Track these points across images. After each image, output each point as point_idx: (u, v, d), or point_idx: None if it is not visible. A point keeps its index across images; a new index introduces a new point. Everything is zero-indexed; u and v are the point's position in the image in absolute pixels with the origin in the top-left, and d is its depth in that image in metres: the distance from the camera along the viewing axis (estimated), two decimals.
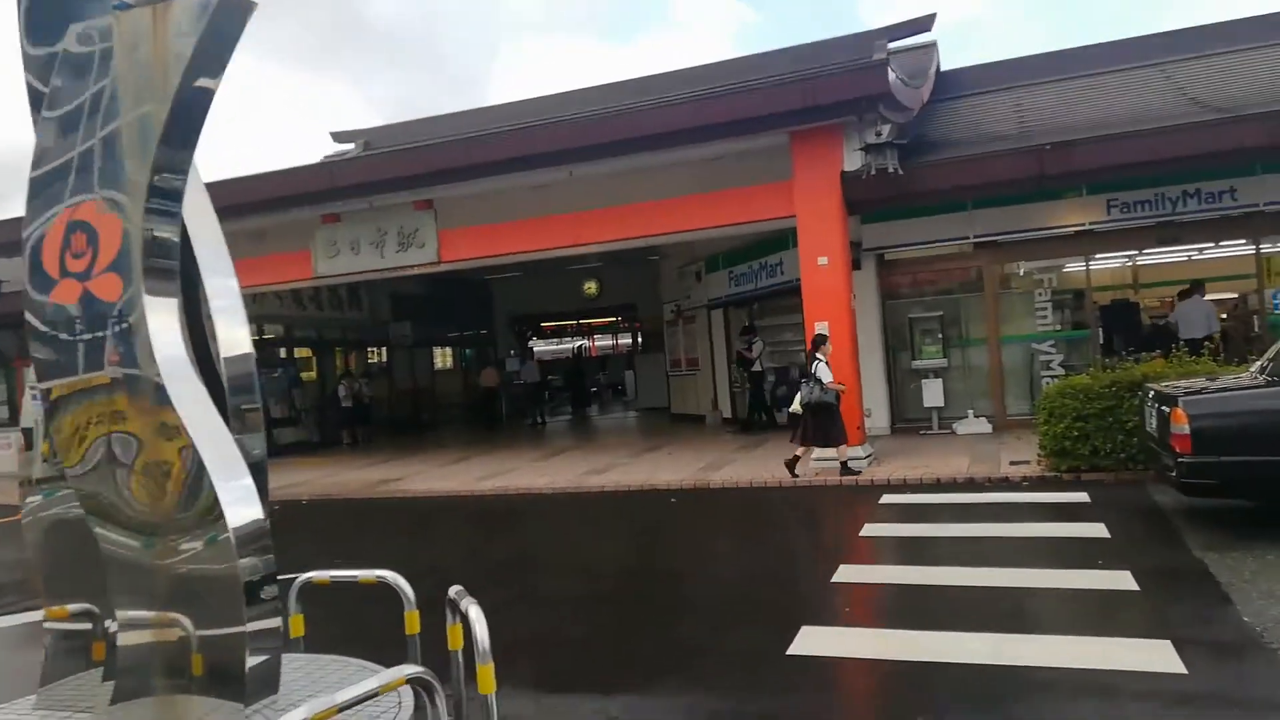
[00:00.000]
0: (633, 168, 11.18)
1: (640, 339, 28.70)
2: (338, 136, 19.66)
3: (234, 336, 4.01)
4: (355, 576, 4.25)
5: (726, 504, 9.29)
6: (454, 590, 3.62)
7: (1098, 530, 6.62)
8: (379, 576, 4.11)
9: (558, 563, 7.41)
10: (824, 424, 9.67)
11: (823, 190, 10.25)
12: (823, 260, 10.27)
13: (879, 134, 9.72)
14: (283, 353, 19.49)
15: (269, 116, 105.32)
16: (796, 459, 9.84)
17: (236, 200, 12.24)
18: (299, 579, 4.42)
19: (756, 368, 15.42)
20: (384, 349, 22.40)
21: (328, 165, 11.68)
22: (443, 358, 25.95)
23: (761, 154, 10.96)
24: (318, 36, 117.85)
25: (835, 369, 10.07)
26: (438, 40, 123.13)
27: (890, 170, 9.70)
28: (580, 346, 37.28)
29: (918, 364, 12.30)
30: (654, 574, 6.87)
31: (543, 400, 22.23)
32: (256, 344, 17.15)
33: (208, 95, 3.50)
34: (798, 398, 9.88)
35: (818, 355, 9.67)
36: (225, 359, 3.95)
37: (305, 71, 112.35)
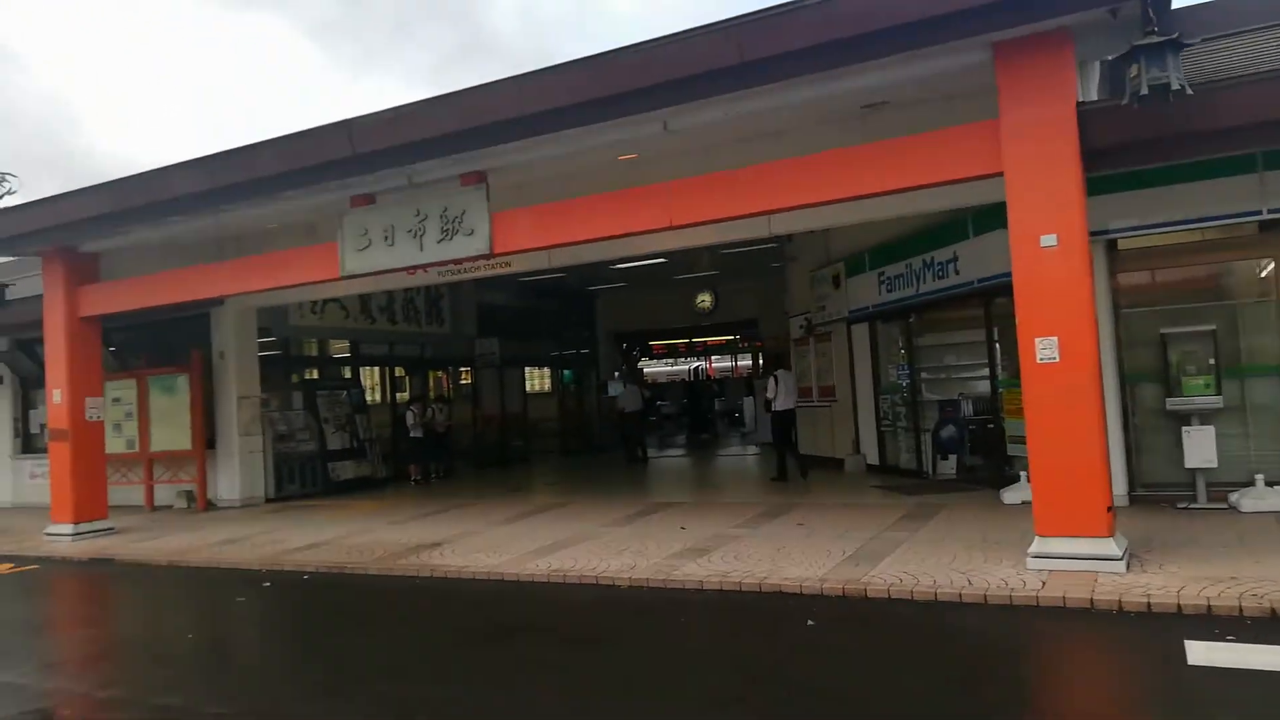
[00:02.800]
0: (753, 112, 7.75)
1: (762, 360, 25.10)
2: None
3: None
4: None
5: (897, 634, 5.69)
6: None
7: None
8: None
9: None
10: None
11: (1048, 131, 6.54)
12: (1049, 240, 6.54)
13: (1152, 29, 5.93)
14: (347, 372, 16.97)
15: None
16: None
17: (234, 179, 9.60)
18: None
19: (779, 406, 12.75)
20: (469, 369, 19.65)
21: (346, 124, 8.73)
22: (538, 379, 23.13)
23: (945, 82, 7.36)
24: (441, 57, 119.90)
25: (1072, 412, 6.35)
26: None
27: (1176, 89, 5.89)
28: (697, 368, 33.99)
29: (1176, 404, 8.28)
30: None
31: (643, 431, 18.92)
32: (316, 361, 14.64)
33: None
34: None
35: None
36: None
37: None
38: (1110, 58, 6.55)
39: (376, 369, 18.31)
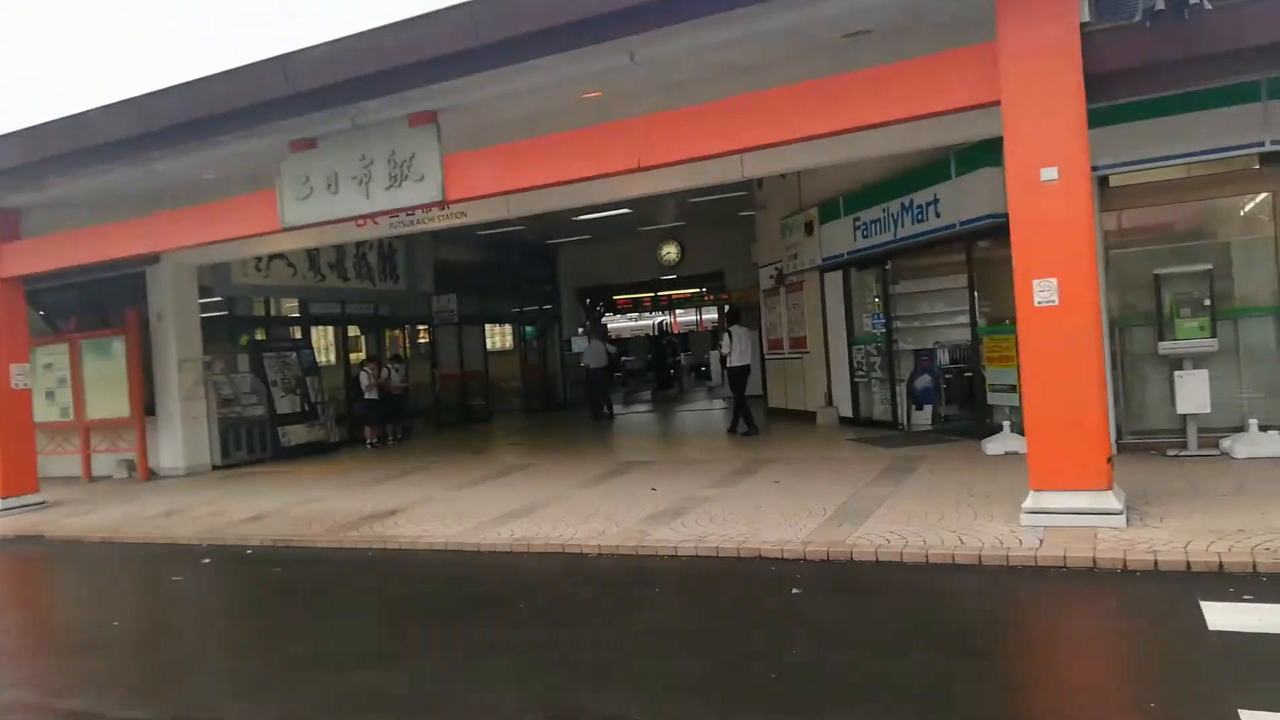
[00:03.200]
0: (726, 41, 7.12)
1: (729, 313, 24.64)
2: None
3: None
4: None
5: (890, 601, 5.26)
6: None
7: None
8: None
9: None
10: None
11: (1049, 55, 5.99)
12: (1049, 174, 6.03)
13: None
14: (297, 333, 16.15)
15: None
16: None
17: (162, 122, 8.75)
18: None
19: (734, 362, 12.48)
20: (427, 327, 18.90)
21: (282, 60, 7.91)
22: (499, 337, 22.43)
23: (935, 8, 6.80)
24: None
25: (1071, 359, 5.93)
26: None
27: (1194, 2, 5.36)
28: (662, 323, 33.44)
29: (1168, 347, 7.91)
30: None
31: (608, 387, 18.40)
32: (262, 322, 13.80)
33: None
34: None
35: None
36: None
37: None
38: None
39: (330, 328, 17.51)
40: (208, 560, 7.85)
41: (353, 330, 18.14)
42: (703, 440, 13.86)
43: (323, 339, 17.25)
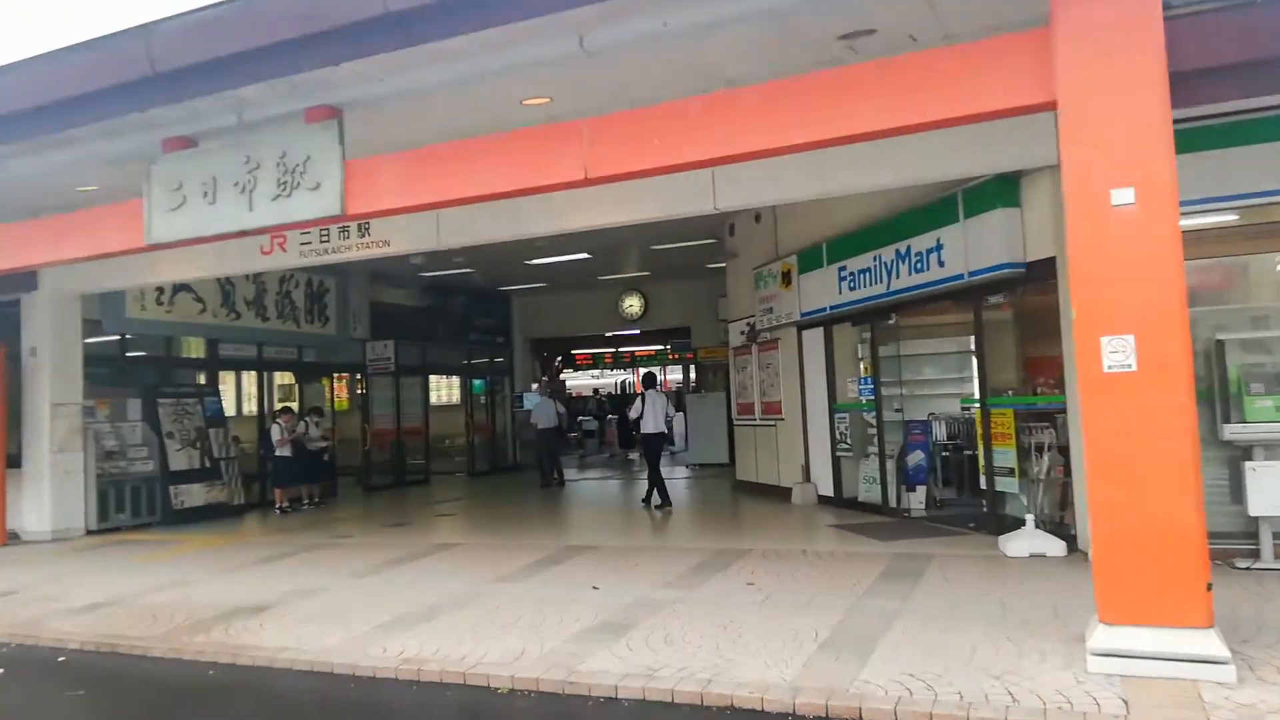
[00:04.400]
0: (696, 25, 5.59)
1: (695, 373, 23.07)
2: None
3: None
4: None
5: None
6: None
7: None
8: None
9: None
10: None
11: (1125, 42, 4.56)
12: (1123, 196, 4.54)
13: None
14: (201, 378, 14.24)
15: None
16: None
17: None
18: None
19: (647, 429, 11.79)
20: (361, 376, 17.00)
21: (145, 31, 6.28)
22: (444, 390, 20.62)
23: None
24: None
25: (1155, 444, 4.36)
26: None
27: None
28: (623, 382, 31.84)
29: (1236, 431, 6.39)
30: None
31: (559, 450, 16.60)
32: (162, 363, 11.73)
33: None
34: None
35: None
36: None
37: None
38: None
39: (251, 374, 15.61)
40: (1, 670, 5.92)
41: (286, 378, 16.25)
42: (659, 517, 12.12)
43: (239, 385, 15.35)
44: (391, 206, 6.71)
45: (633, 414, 12.18)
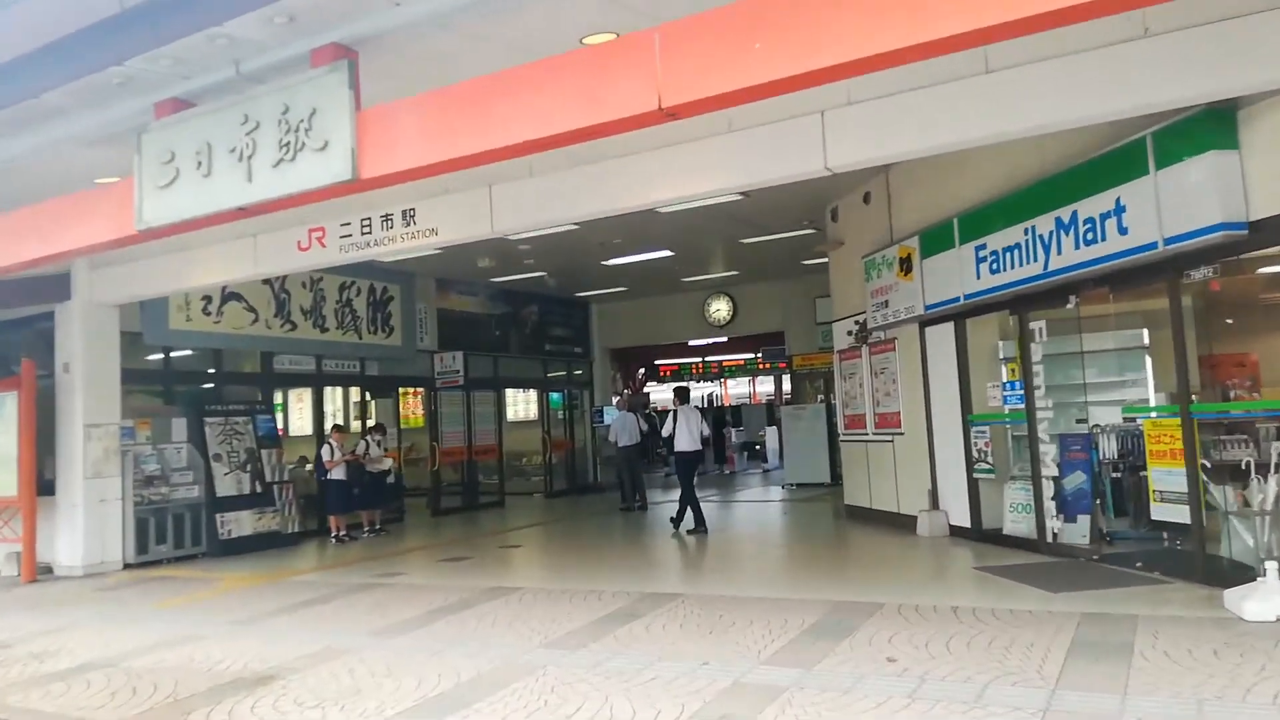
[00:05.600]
0: None
1: (789, 383, 21.17)
2: None
3: None
4: None
5: None
6: None
7: None
8: None
9: None
10: None
11: None
12: None
13: None
14: (257, 395, 13.18)
15: None
16: None
17: None
18: None
19: (682, 446, 11.16)
20: (431, 391, 15.73)
21: None
22: (520, 405, 19.31)
23: None
24: None
25: None
26: None
27: None
28: (712, 395, 30.15)
29: None
30: None
31: (640, 470, 14.97)
32: (209, 378, 10.57)
33: None
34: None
35: None
36: None
37: None
38: None
39: (307, 390, 14.52)
40: None
41: (362, 393, 15.08)
42: (760, 550, 10.38)
43: (294, 402, 14.28)
44: (415, 165, 5.22)
45: (665, 431, 11.57)
